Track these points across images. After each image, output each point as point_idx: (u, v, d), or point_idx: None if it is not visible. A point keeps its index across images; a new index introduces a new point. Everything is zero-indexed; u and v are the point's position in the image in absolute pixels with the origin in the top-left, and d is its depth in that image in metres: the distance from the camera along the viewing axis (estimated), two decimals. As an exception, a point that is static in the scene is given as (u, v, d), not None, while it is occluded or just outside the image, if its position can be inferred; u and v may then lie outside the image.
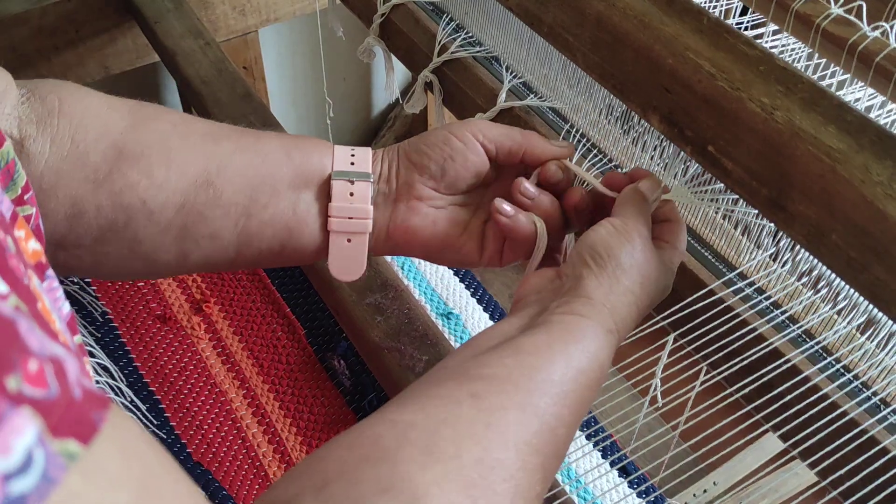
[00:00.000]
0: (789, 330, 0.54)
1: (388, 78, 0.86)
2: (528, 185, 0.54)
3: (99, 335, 0.90)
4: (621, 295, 0.47)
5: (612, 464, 0.88)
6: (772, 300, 0.55)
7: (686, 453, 0.57)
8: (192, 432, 0.86)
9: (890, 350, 0.53)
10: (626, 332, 0.49)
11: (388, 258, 0.99)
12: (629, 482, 0.86)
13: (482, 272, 1.38)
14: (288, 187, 0.53)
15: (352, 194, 0.53)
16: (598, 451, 0.89)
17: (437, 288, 0.96)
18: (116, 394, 0.59)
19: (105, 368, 0.70)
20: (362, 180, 0.53)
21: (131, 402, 0.65)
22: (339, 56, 1.51)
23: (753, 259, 0.57)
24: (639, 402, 0.63)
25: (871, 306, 0.52)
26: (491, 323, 0.94)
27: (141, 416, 0.65)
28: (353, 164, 0.54)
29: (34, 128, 0.48)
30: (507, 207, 0.53)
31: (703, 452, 0.54)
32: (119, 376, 0.62)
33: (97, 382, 0.53)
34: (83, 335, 0.75)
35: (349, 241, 0.54)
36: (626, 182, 0.54)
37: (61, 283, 0.87)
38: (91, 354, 0.86)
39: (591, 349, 0.45)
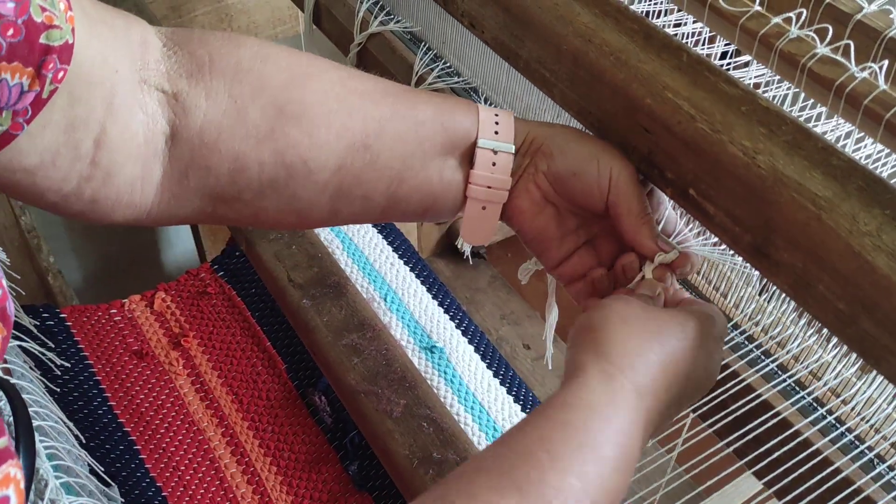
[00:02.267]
0: (779, 379, 0.51)
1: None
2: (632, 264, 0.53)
3: (70, 375, 0.87)
4: (618, 344, 0.44)
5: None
6: (762, 349, 0.53)
7: (681, 478, 0.54)
8: (168, 474, 0.83)
9: (887, 397, 0.50)
10: (657, 379, 0.44)
11: (371, 290, 0.97)
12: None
13: (472, 296, 1.36)
14: (438, 154, 0.53)
15: (494, 164, 0.53)
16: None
17: (420, 320, 0.94)
18: (74, 460, 0.56)
19: (75, 413, 0.68)
20: (505, 151, 0.53)
21: (90, 469, 0.62)
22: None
23: (749, 306, 0.55)
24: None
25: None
26: (476, 356, 0.92)
27: (100, 469, 0.63)
28: (497, 132, 0.53)
29: (185, 82, 0.48)
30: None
31: (698, 477, 0.52)
32: (71, 437, 0.59)
33: (46, 446, 0.51)
34: (58, 370, 0.72)
35: (484, 208, 0.54)
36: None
37: (30, 313, 0.84)
38: (65, 383, 0.84)
39: (580, 405, 0.42)
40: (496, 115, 0.54)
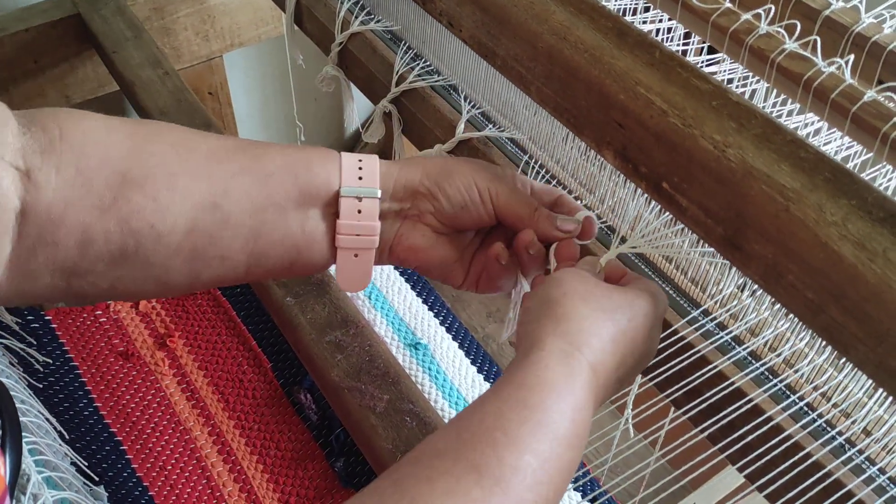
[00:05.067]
0: (752, 367, 0.52)
1: (348, 107, 0.84)
2: (534, 242, 0.55)
3: (55, 377, 0.87)
4: (576, 321, 0.46)
5: (583, 493, 0.87)
6: (733, 335, 0.54)
7: (665, 472, 0.55)
8: (154, 473, 0.84)
9: (860, 384, 0.51)
10: (608, 355, 0.46)
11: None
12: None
13: (458, 294, 1.37)
14: (295, 206, 0.53)
15: (360, 211, 0.54)
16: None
17: (404, 317, 0.95)
18: (62, 458, 0.57)
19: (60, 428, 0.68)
20: (370, 197, 0.54)
21: (76, 468, 0.62)
22: (309, 77, 1.49)
23: (719, 294, 0.56)
24: (614, 424, 0.62)
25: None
26: (460, 353, 0.93)
27: (84, 465, 0.63)
28: (360, 178, 0.54)
29: (39, 158, 0.48)
30: (504, 254, 0.55)
31: (682, 472, 0.53)
32: (54, 434, 0.60)
33: (28, 441, 0.51)
34: (41, 368, 0.73)
35: (356, 255, 0.55)
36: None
37: (14, 314, 0.84)
38: (49, 385, 0.84)
39: (538, 384, 0.43)
40: (360, 160, 0.54)
